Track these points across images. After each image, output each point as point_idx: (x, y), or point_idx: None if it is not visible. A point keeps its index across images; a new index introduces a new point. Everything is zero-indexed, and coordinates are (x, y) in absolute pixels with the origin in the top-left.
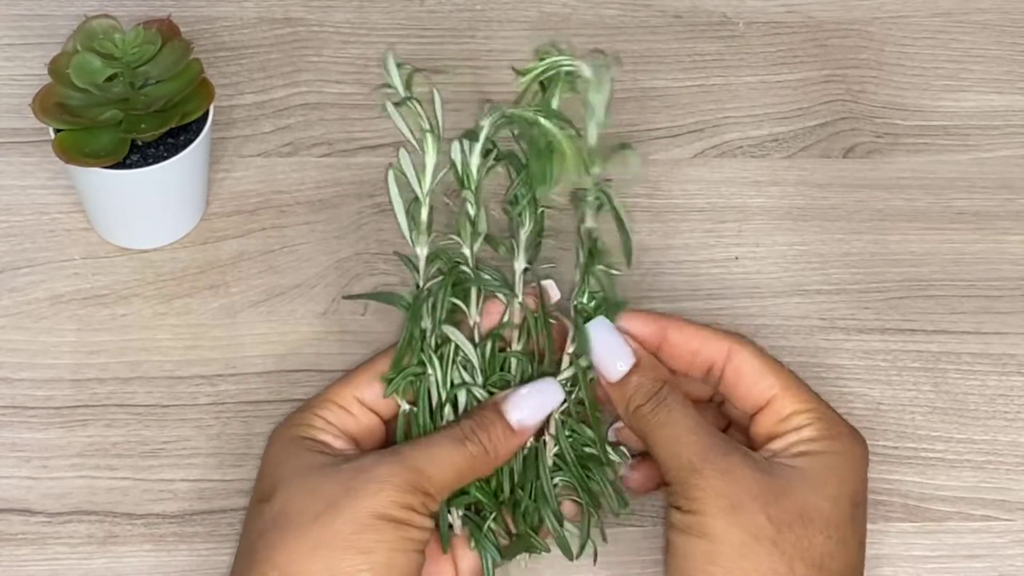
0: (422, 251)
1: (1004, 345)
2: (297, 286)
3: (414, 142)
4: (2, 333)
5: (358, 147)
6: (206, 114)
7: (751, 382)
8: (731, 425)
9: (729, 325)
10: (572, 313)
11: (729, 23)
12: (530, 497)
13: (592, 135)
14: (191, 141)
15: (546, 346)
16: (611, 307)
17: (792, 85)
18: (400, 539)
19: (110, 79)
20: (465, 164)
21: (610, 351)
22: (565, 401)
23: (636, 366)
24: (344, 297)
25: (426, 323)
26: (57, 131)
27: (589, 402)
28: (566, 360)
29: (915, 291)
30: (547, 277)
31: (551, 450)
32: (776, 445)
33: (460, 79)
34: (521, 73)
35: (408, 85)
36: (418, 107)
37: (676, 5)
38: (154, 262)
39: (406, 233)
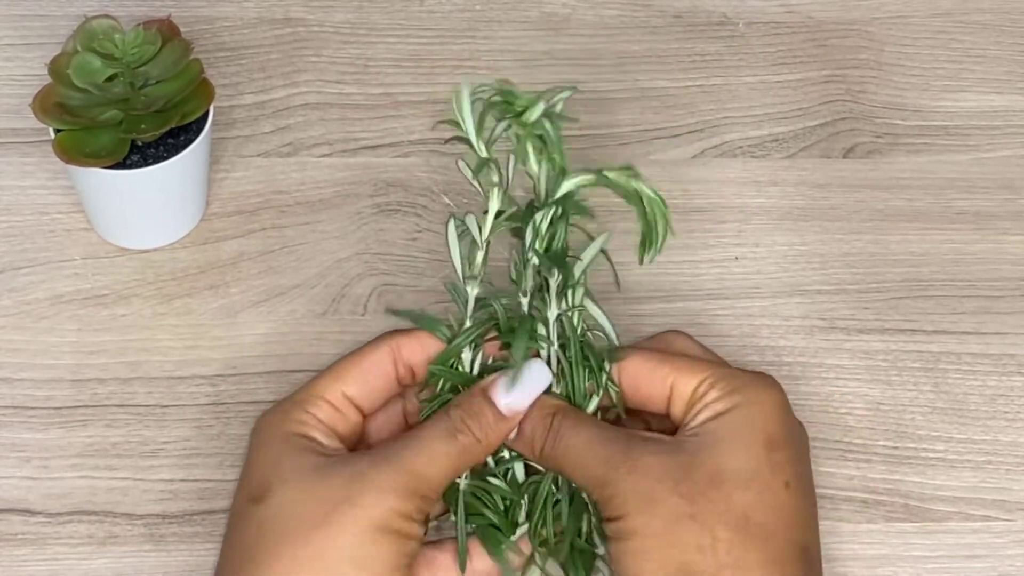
0: (472, 291)
1: (1004, 345)
2: (297, 286)
3: (477, 186)
4: (2, 333)
5: (358, 147)
6: (206, 114)
7: (647, 380)
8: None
9: (729, 325)
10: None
11: (729, 23)
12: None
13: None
14: (191, 141)
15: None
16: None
17: (792, 85)
18: (398, 553)
19: (110, 79)
20: (535, 230)
21: (505, 411)
22: (551, 382)
23: (525, 416)
24: (388, 311)
25: (466, 355)
26: (57, 131)
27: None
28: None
29: (915, 291)
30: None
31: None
32: (690, 424)
33: (460, 79)
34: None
35: (480, 127)
36: (491, 164)
37: (676, 5)
38: (154, 262)
39: (460, 275)
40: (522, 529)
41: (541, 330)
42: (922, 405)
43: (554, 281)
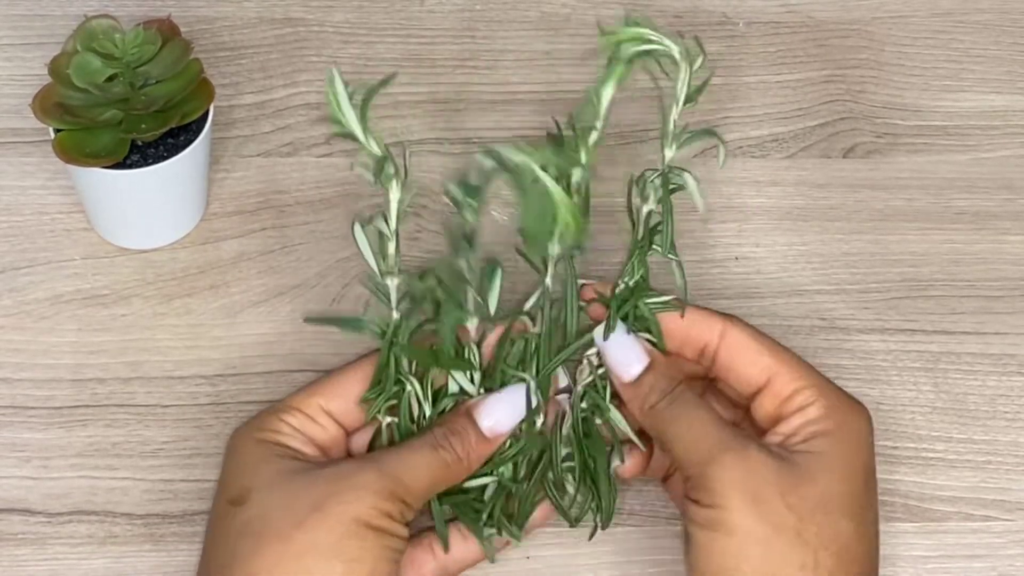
0: (392, 283)
1: (1004, 345)
2: (297, 286)
3: (372, 180)
4: (2, 333)
5: (358, 147)
6: (206, 114)
7: (747, 361)
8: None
9: None
10: (610, 297)
11: (729, 23)
12: (530, 479)
13: (671, 121)
14: (191, 141)
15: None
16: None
17: (792, 85)
18: (382, 547)
19: (110, 79)
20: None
21: (623, 354)
22: (536, 407)
23: (649, 367)
24: (305, 320)
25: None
26: (57, 131)
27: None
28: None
29: (915, 291)
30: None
31: (567, 423)
32: (784, 428)
33: (461, 79)
34: (604, 33)
35: (363, 116)
36: (389, 157)
37: (676, 5)
38: (154, 262)
39: (375, 269)
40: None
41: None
42: (922, 405)
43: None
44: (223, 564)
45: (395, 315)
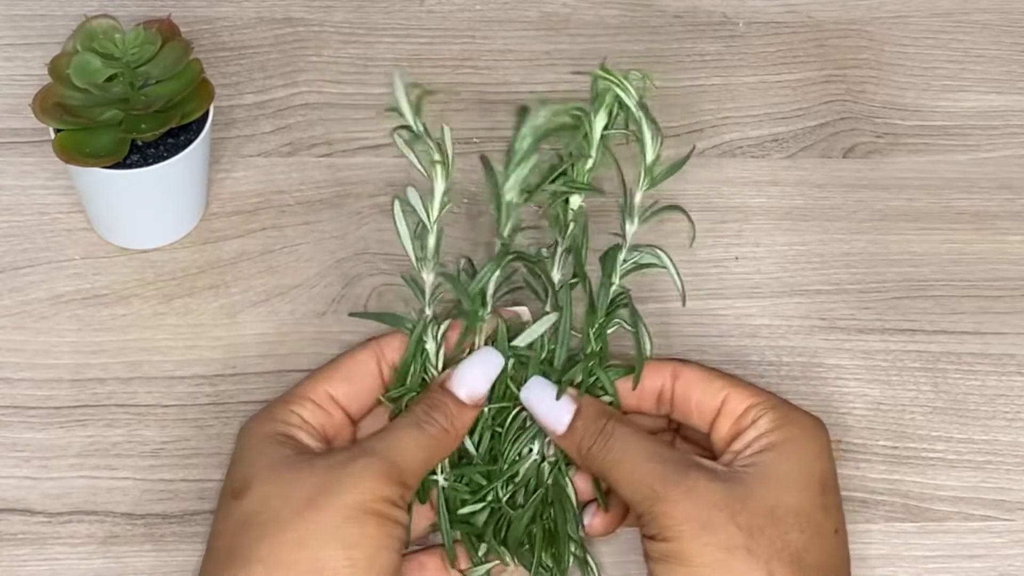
0: (428, 277)
1: (1004, 345)
2: (297, 286)
3: (421, 169)
4: (2, 333)
5: (358, 147)
6: (206, 114)
7: (701, 390)
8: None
9: (729, 325)
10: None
11: (729, 23)
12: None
13: (637, 195)
14: (191, 141)
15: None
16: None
17: (792, 85)
18: (383, 535)
19: (110, 79)
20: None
21: (549, 407)
22: (507, 362)
23: (577, 413)
24: (351, 315)
25: (430, 345)
26: (57, 131)
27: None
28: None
29: (915, 291)
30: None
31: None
32: (736, 446)
33: (461, 79)
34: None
35: (418, 110)
36: (428, 140)
37: (676, 5)
38: (154, 262)
39: (413, 260)
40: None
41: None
42: (922, 405)
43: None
44: (225, 557)
45: (428, 311)
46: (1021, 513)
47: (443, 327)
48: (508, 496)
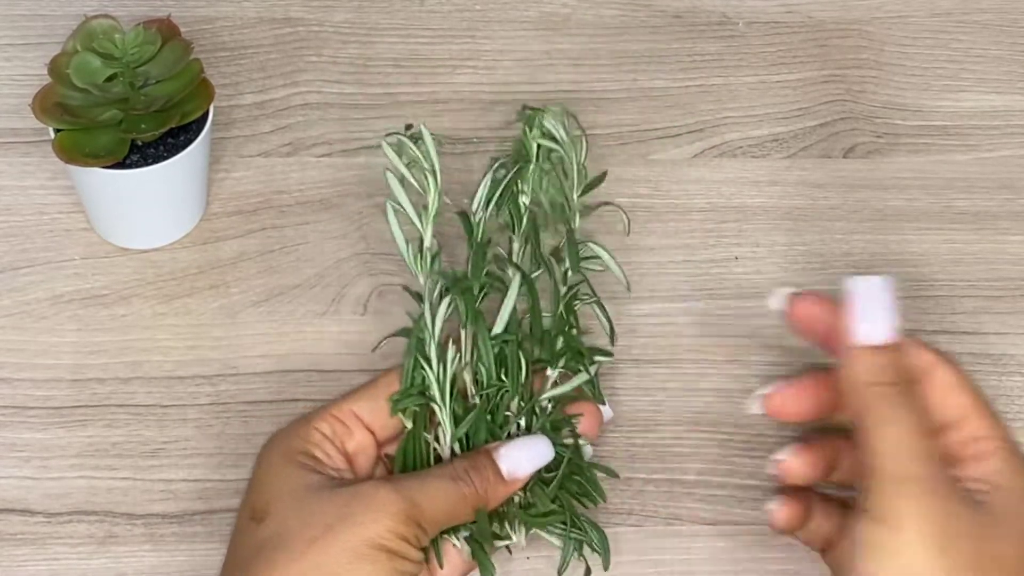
0: (425, 281)
1: (1004, 345)
2: (297, 286)
3: (413, 180)
4: (2, 333)
5: (358, 147)
6: (206, 114)
7: (945, 395)
8: None
9: (729, 325)
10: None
11: (729, 23)
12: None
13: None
14: (191, 141)
15: None
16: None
17: (792, 85)
18: (393, 571)
19: (110, 79)
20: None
21: (881, 314)
22: (552, 459)
23: (898, 345)
24: (385, 339)
25: (431, 351)
26: (57, 131)
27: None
28: None
29: (915, 291)
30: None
31: None
32: (960, 472)
33: (460, 79)
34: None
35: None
36: (415, 150)
37: (676, 5)
38: (154, 262)
39: (412, 266)
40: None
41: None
42: None
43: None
44: None
45: (428, 316)
46: None
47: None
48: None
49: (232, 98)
